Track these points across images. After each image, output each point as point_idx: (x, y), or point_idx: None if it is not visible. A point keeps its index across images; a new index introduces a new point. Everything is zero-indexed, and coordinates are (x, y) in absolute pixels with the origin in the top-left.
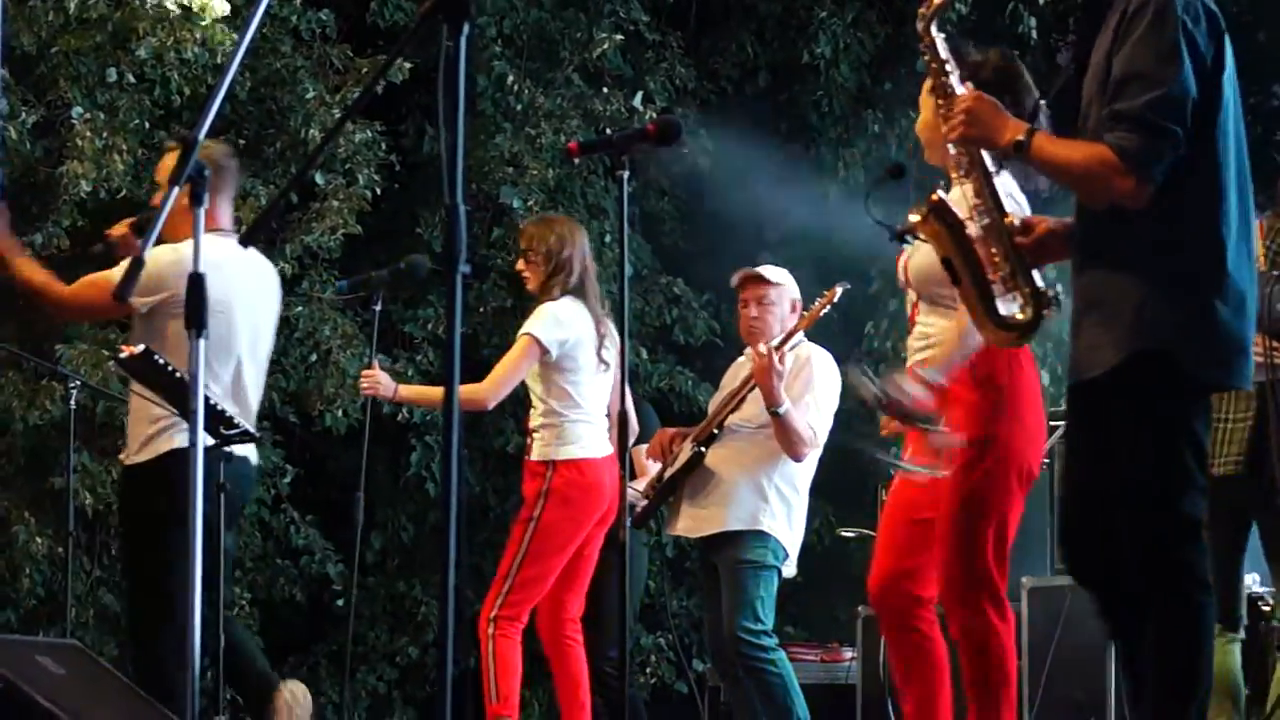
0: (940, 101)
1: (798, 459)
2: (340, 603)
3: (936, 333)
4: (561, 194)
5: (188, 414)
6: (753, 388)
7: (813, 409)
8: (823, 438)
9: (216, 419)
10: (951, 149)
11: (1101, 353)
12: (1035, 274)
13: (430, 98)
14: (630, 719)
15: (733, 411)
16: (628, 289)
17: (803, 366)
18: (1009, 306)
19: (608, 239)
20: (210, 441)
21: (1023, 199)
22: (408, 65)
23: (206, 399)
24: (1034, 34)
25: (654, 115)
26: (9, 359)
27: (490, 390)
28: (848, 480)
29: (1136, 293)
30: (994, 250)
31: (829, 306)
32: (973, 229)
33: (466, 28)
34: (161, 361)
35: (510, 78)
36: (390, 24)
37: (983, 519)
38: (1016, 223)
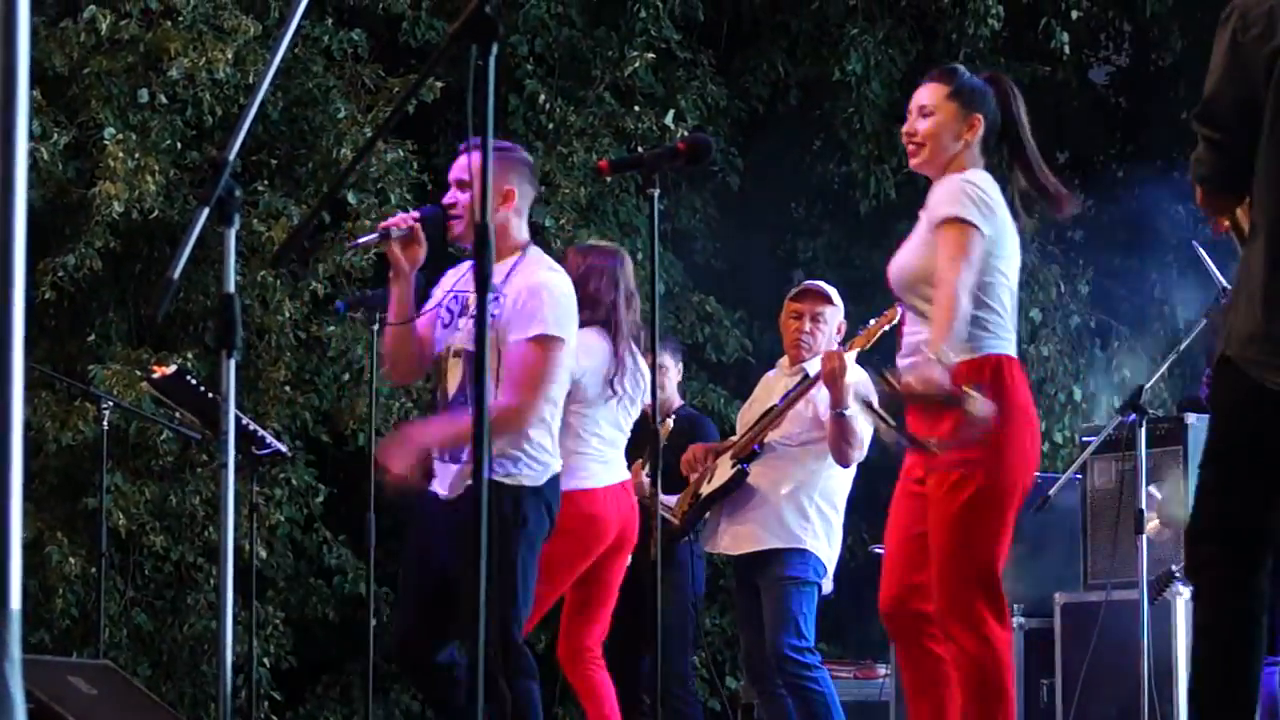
0: None
1: (847, 463)
2: (375, 621)
3: (923, 339)
4: (593, 212)
5: (218, 434)
6: (791, 405)
7: (858, 418)
8: (867, 445)
9: (249, 439)
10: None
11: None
12: None
13: (462, 117)
14: None
15: (773, 429)
16: (659, 306)
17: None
18: None
19: (639, 257)
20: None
21: None
22: (439, 85)
23: (237, 418)
24: (1067, 49)
25: (685, 133)
26: (41, 379)
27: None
28: (880, 497)
29: (1231, 298)
30: None
31: (887, 326)
32: None
33: (495, 48)
34: (194, 382)
35: (542, 96)
36: (422, 43)
37: (976, 538)
38: None
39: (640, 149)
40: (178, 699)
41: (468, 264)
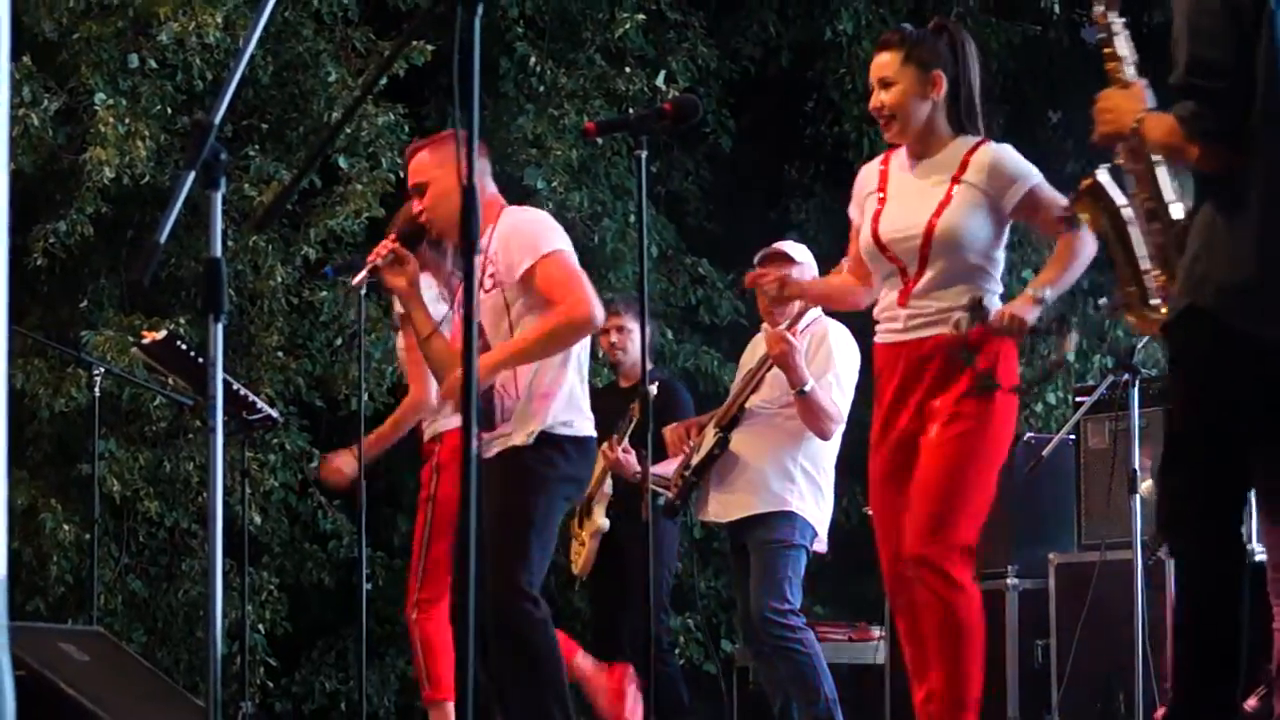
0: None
1: (825, 436)
2: (369, 586)
3: (948, 307)
4: (585, 174)
5: (207, 399)
6: (770, 368)
7: (834, 386)
8: (845, 413)
9: (239, 404)
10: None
11: (1168, 307)
12: None
13: (452, 79)
14: (669, 694)
15: (752, 393)
16: (649, 269)
17: (820, 342)
18: (1155, 296)
19: (631, 219)
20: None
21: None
22: (429, 48)
23: (228, 383)
24: (1058, 8)
25: (676, 95)
26: (34, 346)
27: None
28: None
29: (1194, 248)
30: (1151, 238)
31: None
32: (1129, 214)
33: (481, 9)
34: (184, 347)
35: (532, 59)
36: (411, 6)
37: (963, 491)
38: (1181, 213)
39: (631, 111)
40: (173, 665)
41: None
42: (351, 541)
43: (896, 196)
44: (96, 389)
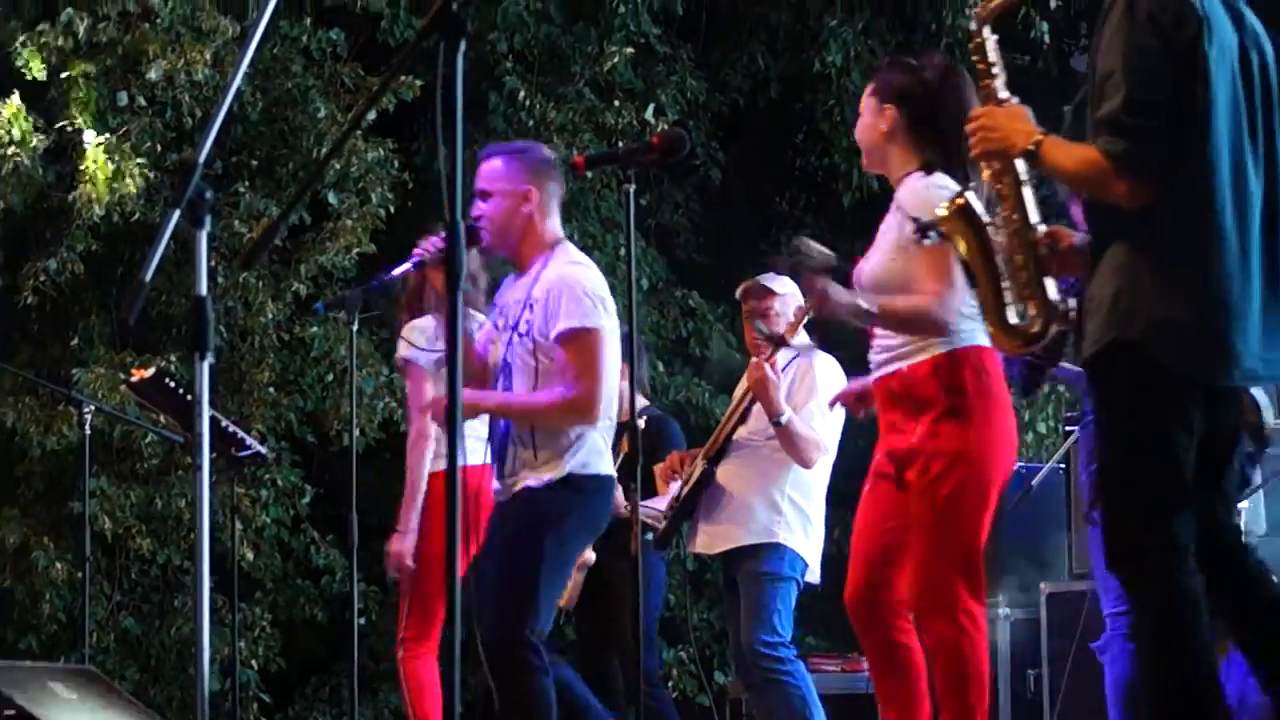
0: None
1: (807, 466)
2: (363, 621)
3: (898, 342)
4: (575, 208)
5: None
6: (754, 400)
7: (817, 415)
8: (833, 444)
9: (228, 440)
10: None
11: (1085, 343)
12: (1051, 286)
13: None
14: None
15: (739, 425)
16: (637, 302)
17: (805, 373)
18: (1020, 315)
19: (621, 252)
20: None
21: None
22: (418, 83)
23: (216, 420)
24: (1046, 38)
25: (665, 128)
26: (25, 384)
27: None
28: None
29: (1115, 283)
30: (1016, 257)
31: (810, 314)
32: (995, 233)
33: (464, 44)
34: (172, 385)
35: (521, 93)
36: (400, 42)
37: (956, 531)
38: (1042, 232)
39: (620, 144)
40: (166, 703)
41: (513, 278)
42: (344, 576)
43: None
44: (87, 427)
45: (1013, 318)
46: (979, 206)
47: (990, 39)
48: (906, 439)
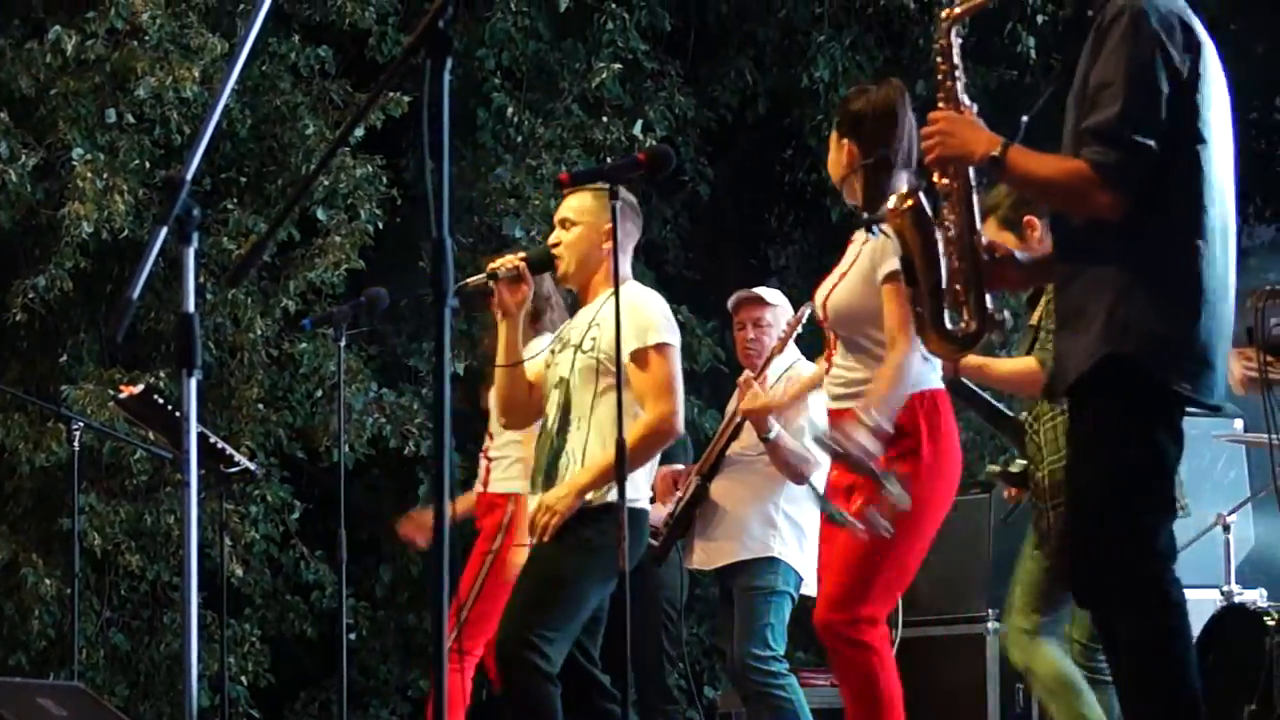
0: (942, 108)
1: (800, 482)
2: (352, 636)
3: (860, 379)
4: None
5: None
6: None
7: (807, 431)
8: (825, 458)
9: (217, 457)
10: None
11: (1074, 359)
12: (987, 296)
13: (430, 131)
14: None
15: (732, 440)
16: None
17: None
18: (952, 320)
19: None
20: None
21: None
22: (406, 99)
23: (205, 437)
24: (1033, 53)
25: (653, 144)
26: (14, 401)
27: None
28: None
29: (1109, 299)
30: (957, 263)
31: (799, 327)
32: (940, 236)
33: (451, 61)
34: (160, 401)
35: (510, 109)
36: (388, 59)
37: (885, 562)
38: (984, 241)
39: (608, 160)
40: (155, 719)
41: (581, 311)
42: (333, 592)
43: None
44: (76, 443)
45: (947, 322)
46: (928, 208)
47: (956, 43)
48: (851, 475)
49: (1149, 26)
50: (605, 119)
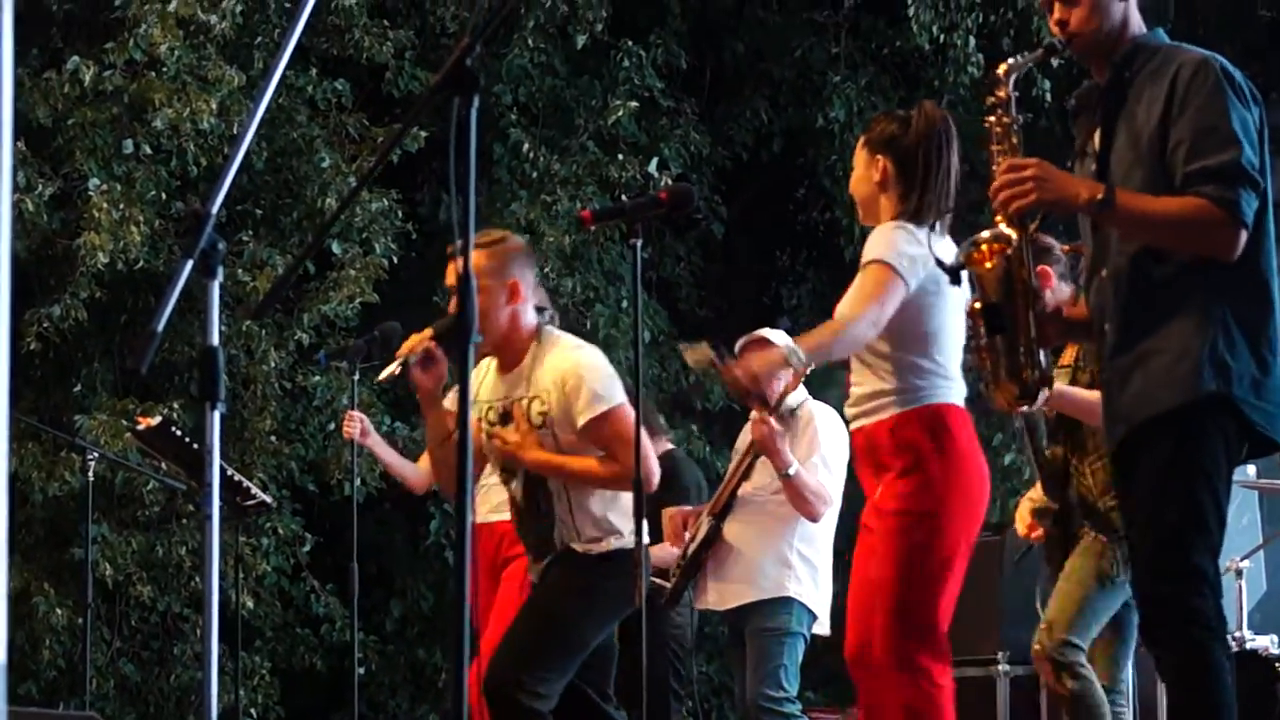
0: (1000, 162)
1: (814, 519)
2: (362, 670)
3: (867, 393)
4: (578, 261)
5: (203, 485)
6: (758, 455)
7: (821, 468)
8: (837, 495)
9: (234, 490)
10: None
11: (1157, 395)
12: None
13: (446, 165)
14: None
15: (743, 480)
16: (644, 354)
17: (806, 425)
18: (1027, 374)
19: (624, 304)
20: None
21: None
22: (423, 134)
23: (223, 469)
24: (1049, 96)
25: (669, 182)
26: (27, 430)
27: None
28: None
29: (1201, 339)
30: (1023, 316)
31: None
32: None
33: (476, 100)
34: (178, 433)
35: (526, 145)
36: (405, 93)
37: (912, 591)
38: (1048, 296)
39: (624, 197)
40: None
41: (487, 363)
42: (344, 625)
43: None
44: (90, 473)
45: (1026, 374)
46: (1028, 257)
47: (1014, 95)
48: (872, 498)
49: (1237, 82)
50: (621, 156)
